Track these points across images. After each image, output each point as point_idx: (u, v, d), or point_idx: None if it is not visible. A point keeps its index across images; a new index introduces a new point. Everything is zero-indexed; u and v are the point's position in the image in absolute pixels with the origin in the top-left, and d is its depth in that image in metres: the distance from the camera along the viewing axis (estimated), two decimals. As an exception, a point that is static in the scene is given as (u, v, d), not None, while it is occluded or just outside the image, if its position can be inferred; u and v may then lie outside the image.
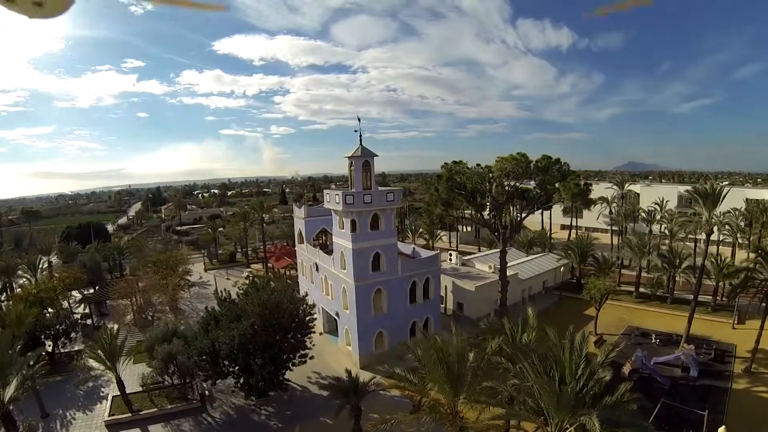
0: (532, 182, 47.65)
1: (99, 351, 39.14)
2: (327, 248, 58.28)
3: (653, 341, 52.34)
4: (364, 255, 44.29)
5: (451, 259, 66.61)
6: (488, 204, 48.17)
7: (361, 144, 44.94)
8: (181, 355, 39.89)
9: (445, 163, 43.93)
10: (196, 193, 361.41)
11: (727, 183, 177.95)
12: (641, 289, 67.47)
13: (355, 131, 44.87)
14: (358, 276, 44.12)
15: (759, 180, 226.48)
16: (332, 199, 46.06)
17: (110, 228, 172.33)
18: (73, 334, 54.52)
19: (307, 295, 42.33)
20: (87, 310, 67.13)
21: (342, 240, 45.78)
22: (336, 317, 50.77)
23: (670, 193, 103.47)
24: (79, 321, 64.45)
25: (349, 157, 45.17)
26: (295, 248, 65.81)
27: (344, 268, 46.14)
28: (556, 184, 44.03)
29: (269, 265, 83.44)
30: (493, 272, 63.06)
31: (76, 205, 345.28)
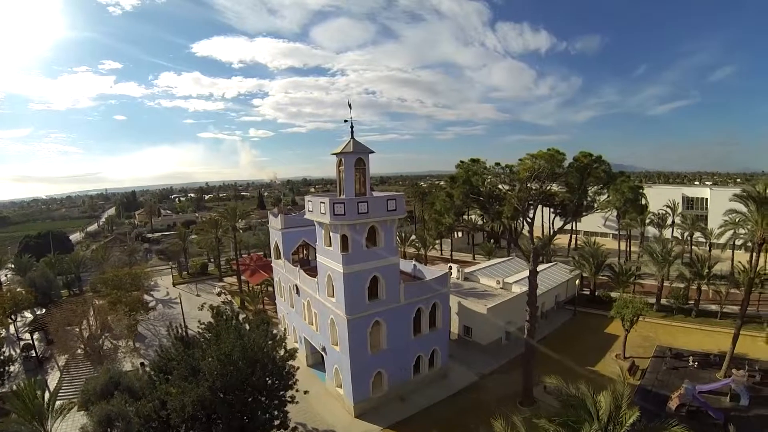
0: (556, 184, 37.79)
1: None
2: (309, 264, 47.75)
3: (690, 364, 44.30)
4: (358, 280, 33.59)
5: (451, 273, 56.11)
6: (504, 212, 38.31)
7: (352, 137, 34.36)
8: (122, 420, 29.07)
9: (462, 162, 33.67)
10: (173, 197, 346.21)
11: (711, 183, 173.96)
12: (662, 301, 59.07)
13: (345, 121, 34.29)
14: (351, 307, 33.52)
15: (738, 180, 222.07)
16: (316, 208, 35.18)
17: (78, 236, 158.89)
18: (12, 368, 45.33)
19: (286, 333, 31.16)
20: (30, 340, 55.42)
21: (329, 260, 35.11)
22: (323, 353, 40.10)
23: (674, 195, 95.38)
24: (21, 353, 53.54)
25: (337, 154, 34.44)
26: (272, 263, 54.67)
27: (332, 296, 35.57)
28: (600, 187, 34.19)
29: (243, 279, 72.23)
30: (502, 288, 53.59)
31: (49, 210, 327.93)
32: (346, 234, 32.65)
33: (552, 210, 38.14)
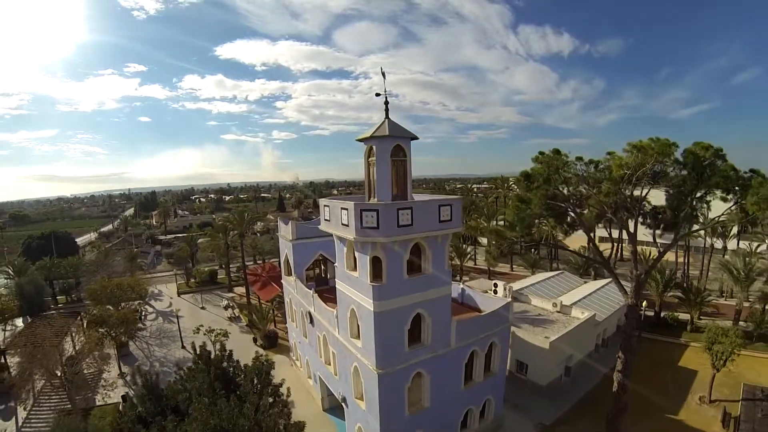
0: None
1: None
2: (327, 284, 37.66)
3: (793, 410, 33.40)
4: (395, 320, 22.81)
5: (496, 292, 45.31)
6: (576, 221, 28.00)
7: (387, 117, 23.54)
8: None
9: (541, 154, 22.71)
10: (194, 197, 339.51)
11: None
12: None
13: (378, 95, 23.68)
14: (385, 357, 22.91)
15: None
16: (336, 217, 24.11)
17: (91, 236, 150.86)
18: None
19: (290, 392, 20.58)
20: (3, 359, 46.22)
21: (353, 290, 24.38)
22: (343, 404, 29.84)
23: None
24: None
25: (366, 140, 23.67)
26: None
27: (357, 338, 25.02)
28: (726, 193, 23.62)
29: (253, 291, 62.10)
30: (559, 311, 43.08)
31: (70, 209, 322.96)
32: (379, 256, 21.96)
33: (643, 221, 27.60)
